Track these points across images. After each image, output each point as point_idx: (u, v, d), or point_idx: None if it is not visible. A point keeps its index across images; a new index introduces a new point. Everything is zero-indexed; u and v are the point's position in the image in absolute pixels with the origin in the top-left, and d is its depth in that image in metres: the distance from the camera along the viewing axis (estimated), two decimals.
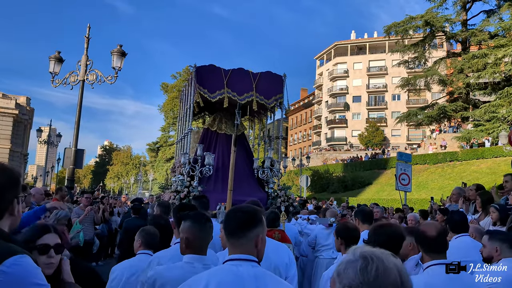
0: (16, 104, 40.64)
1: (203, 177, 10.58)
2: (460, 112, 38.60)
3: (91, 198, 8.01)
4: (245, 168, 11.45)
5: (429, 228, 2.95)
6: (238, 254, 2.00)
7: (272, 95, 11.70)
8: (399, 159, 15.85)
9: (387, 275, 1.27)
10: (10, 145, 39.60)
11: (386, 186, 36.25)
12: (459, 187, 7.82)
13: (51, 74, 12.45)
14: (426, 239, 2.89)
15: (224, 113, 12.24)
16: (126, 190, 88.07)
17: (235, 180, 10.92)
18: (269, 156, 11.78)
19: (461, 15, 40.18)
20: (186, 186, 10.14)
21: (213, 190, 10.31)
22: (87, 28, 12.65)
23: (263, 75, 11.81)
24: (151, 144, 79.82)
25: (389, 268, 1.28)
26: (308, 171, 42.85)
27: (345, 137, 65.63)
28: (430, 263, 2.83)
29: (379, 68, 65.82)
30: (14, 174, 1.76)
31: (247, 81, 11.40)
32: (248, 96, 11.26)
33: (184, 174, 10.47)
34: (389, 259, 1.31)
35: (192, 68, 11.50)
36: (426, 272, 2.82)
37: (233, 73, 11.44)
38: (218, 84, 11.13)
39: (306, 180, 26.13)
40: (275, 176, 11.66)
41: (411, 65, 44.06)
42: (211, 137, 12.03)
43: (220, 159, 11.37)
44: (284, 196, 11.12)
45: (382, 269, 1.27)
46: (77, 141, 12.33)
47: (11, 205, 1.71)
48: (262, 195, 10.81)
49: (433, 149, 40.52)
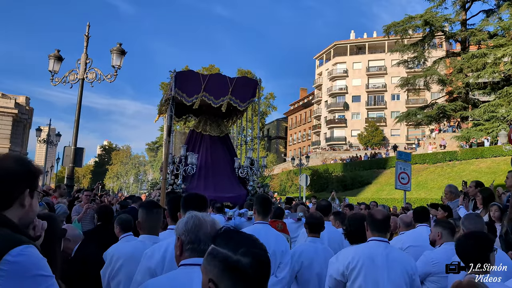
0: (15, 103, 40.61)
1: (187, 175, 11.50)
2: (460, 112, 38.62)
3: (91, 195, 8.00)
4: (226, 167, 12.55)
5: (376, 213, 3.64)
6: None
7: (247, 98, 12.58)
8: (398, 158, 15.84)
9: (200, 225, 2.08)
10: (10, 145, 39.56)
11: (385, 186, 36.25)
12: (450, 185, 7.84)
13: (51, 73, 12.46)
14: (374, 221, 3.55)
15: (208, 116, 13.18)
16: (125, 189, 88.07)
17: (217, 177, 12.20)
18: (249, 156, 12.80)
19: (460, 14, 40.20)
20: (170, 184, 10.97)
21: (196, 187, 11.21)
22: (86, 27, 12.66)
23: (239, 80, 12.86)
24: (151, 144, 79.86)
25: (203, 222, 2.09)
26: (307, 170, 42.85)
27: (345, 136, 65.65)
28: (372, 238, 3.53)
29: (378, 68, 65.84)
30: (32, 167, 1.77)
31: (223, 85, 12.22)
32: (223, 100, 12.08)
33: (169, 173, 11.08)
34: (206, 217, 2.13)
35: (172, 73, 12.07)
36: (368, 243, 3.55)
37: (211, 78, 12.40)
38: (196, 88, 11.91)
39: (306, 179, 26.11)
40: (255, 175, 12.60)
41: (411, 65, 44.04)
42: (196, 138, 12.98)
43: (203, 159, 12.33)
44: (263, 193, 11.78)
45: (198, 222, 2.09)
46: (77, 139, 12.34)
47: (22, 195, 1.69)
48: (243, 192, 11.91)
49: (432, 149, 40.54)
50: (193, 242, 2.07)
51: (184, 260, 2.09)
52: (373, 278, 3.35)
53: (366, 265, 3.38)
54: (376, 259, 3.40)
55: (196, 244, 2.07)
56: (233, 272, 1.34)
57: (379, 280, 3.35)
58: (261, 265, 1.36)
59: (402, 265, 3.46)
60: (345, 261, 3.45)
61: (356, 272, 3.38)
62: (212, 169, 12.29)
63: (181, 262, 2.10)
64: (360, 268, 3.37)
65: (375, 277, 3.36)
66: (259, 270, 1.35)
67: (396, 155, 16.48)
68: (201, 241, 2.06)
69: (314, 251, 4.39)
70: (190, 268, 2.03)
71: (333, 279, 3.48)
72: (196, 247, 2.07)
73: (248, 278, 1.34)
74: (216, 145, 12.98)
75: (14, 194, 1.68)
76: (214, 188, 11.62)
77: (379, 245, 3.48)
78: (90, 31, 12.64)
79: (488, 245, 2.90)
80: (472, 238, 2.95)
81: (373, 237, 3.54)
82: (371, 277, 3.35)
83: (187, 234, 2.09)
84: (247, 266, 1.33)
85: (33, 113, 48.25)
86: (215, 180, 12.05)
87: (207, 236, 2.05)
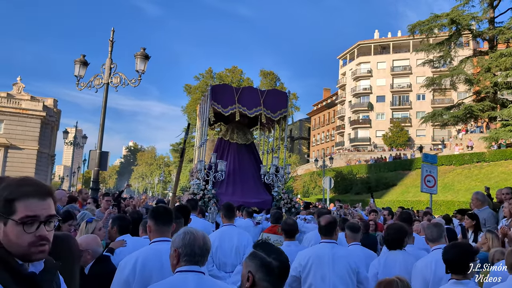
0: (43, 106, 41.56)
1: (216, 181, 12.21)
2: (487, 112, 37.69)
3: (111, 200, 8.07)
4: (253, 174, 13.22)
5: (322, 220, 4.48)
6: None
7: (278, 109, 13.32)
8: (424, 161, 15.51)
9: (195, 240, 2.50)
10: (38, 147, 40.51)
11: (411, 188, 35.72)
12: (477, 192, 7.57)
13: (76, 78, 12.68)
14: (320, 227, 4.47)
15: (236, 125, 13.91)
16: (150, 190, 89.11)
17: (244, 183, 12.89)
18: (274, 164, 13.41)
19: (488, 12, 39.25)
20: (201, 189, 11.73)
21: (224, 192, 12.09)
22: (111, 32, 12.83)
23: (270, 92, 13.72)
24: (175, 145, 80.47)
25: (197, 236, 2.52)
26: (331, 172, 42.55)
27: (369, 137, 64.96)
28: (321, 241, 4.40)
29: (403, 67, 64.94)
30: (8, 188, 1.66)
31: (255, 97, 13.12)
32: (256, 110, 12.98)
33: (200, 179, 12.11)
34: (198, 232, 2.55)
35: (208, 87, 13.24)
36: (317, 245, 4.46)
37: (243, 91, 13.33)
38: (230, 100, 12.79)
39: (330, 182, 25.87)
40: (279, 181, 13.14)
41: (436, 64, 43.22)
42: (224, 145, 13.74)
43: (231, 165, 13.05)
44: (287, 199, 12.71)
45: (193, 237, 2.50)
46: (102, 143, 12.52)
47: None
48: (268, 198, 12.54)
49: (459, 150, 39.75)
50: (189, 255, 2.48)
51: (180, 267, 2.49)
52: (321, 273, 4.14)
53: (315, 263, 4.18)
54: (323, 257, 4.19)
55: (192, 256, 2.48)
56: (266, 268, 2.01)
57: (326, 274, 4.12)
58: (284, 267, 2.06)
59: (346, 261, 4.21)
60: (300, 261, 4.25)
61: (307, 269, 4.18)
62: (239, 175, 12.91)
63: (178, 269, 2.50)
64: (311, 265, 4.18)
65: (322, 272, 4.14)
66: (282, 270, 2.05)
67: (422, 158, 16.16)
68: (196, 254, 2.49)
69: (289, 253, 4.66)
70: (185, 274, 2.47)
71: (291, 276, 4.13)
72: (192, 259, 2.48)
73: (274, 274, 2.01)
74: (242, 153, 13.61)
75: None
76: (242, 193, 12.26)
77: (327, 246, 4.29)
78: (116, 35, 12.82)
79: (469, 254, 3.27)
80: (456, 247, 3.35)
81: (322, 240, 4.41)
82: (319, 272, 4.15)
83: (184, 248, 2.48)
84: (275, 266, 2.02)
85: (60, 115, 49.28)
86: (242, 186, 12.68)
87: (201, 248, 2.51)
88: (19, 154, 39.12)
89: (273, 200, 12.52)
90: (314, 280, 4.13)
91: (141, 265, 2.98)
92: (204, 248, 2.54)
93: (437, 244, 4.17)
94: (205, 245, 2.53)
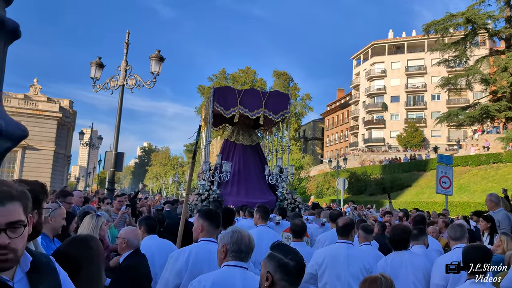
0: (60, 107, 42.07)
1: (222, 182, 12.47)
2: (504, 112, 37.14)
3: (123, 201, 8.18)
4: (257, 174, 13.49)
5: (340, 221, 4.65)
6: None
7: (279, 111, 13.54)
8: (439, 162, 15.36)
9: (242, 239, 2.79)
10: (55, 147, 41.02)
11: (426, 189, 35.40)
12: (491, 193, 7.49)
13: (92, 80, 12.84)
14: (338, 228, 4.62)
15: (241, 126, 14.24)
16: (164, 190, 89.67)
17: (249, 184, 13.08)
18: (278, 165, 13.68)
19: (504, 11, 38.68)
20: (206, 189, 11.98)
21: (229, 193, 12.41)
22: (126, 34, 12.98)
23: (272, 93, 14.04)
24: (189, 146, 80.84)
25: (244, 235, 2.81)
26: (345, 173, 42.36)
27: (383, 138, 64.51)
28: (338, 241, 4.58)
29: (417, 67, 64.35)
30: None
31: (257, 99, 13.36)
32: (258, 112, 13.22)
33: (205, 180, 12.41)
34: (244, 232, 2.85)
35: (211, 89, 13.60)
36: (334, 245, 4.62)
37: (246, 93, 13.57)
38: (233, 102, 13.11)
39: (344, 183, 25.75)
40: (284, 182, 13.38)
41: (452, 64, 42.72)
42: (229, 146, 14.05)
43: (237, 166, 13.32)
44: (291, 199, 12.97)
45: (240, 236, 2.79)
46: (117, 144, 12.67)
47: None
48: (272, 198, 12.73)
49: (475, 151, 39.26)
50: (236, 251, 2.79)
51: (227, 262, 2.80)
52: (336, 272, 4.33)
53: (330, 263, 4.37)
54: (338, 257, 4.38)
55: (238, 253, 2.79)
56: (283, 268, 2.14)
57: (341, 273, 4.31)
58: (300, 266, 2.18)
59: (360, 261, 4.40)
60: (317, 259, 4.43)
61: (323, 267, 4.37)
62: (244, 176, 13.16)
63: (225, 263, 2.81)
64: (326, 264, 4.37)
65: (337, 271, 4.33)
66: (299, 269, 2.17)
67: (437, 159, 15.99)
68: (242, 251, 2.79)
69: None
70: (233, 268, 2.78)
71: (308, 273, 4.26)
72: (238, 255, 2.79)
73: (291, 274, 2.14)
74: (248, 154, 13.87)
75: None
76: (246, 193, 12.52)
77: (342, 246, 4.47)
78: (131, 37, 12.97)
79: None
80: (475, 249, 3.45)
81: (338, 240, 4.58)
82: (334, 271, 4.34)
83: (232, 245, 2.79)
84: (292, 266, 2.15)
85: (76, 116, 49.88)
86: (247, 186, 12.93)
87: (246, 246, 2.82)
88: (36, 155, 39.64)
89: (277, 201, 12.73)
90: (329, 279, 4.32)
91: (194, 258, 3.28)
92: (249, 247, 2.84)
93: (459, 243, 4.43)
94: (250, 244, 2.84)
